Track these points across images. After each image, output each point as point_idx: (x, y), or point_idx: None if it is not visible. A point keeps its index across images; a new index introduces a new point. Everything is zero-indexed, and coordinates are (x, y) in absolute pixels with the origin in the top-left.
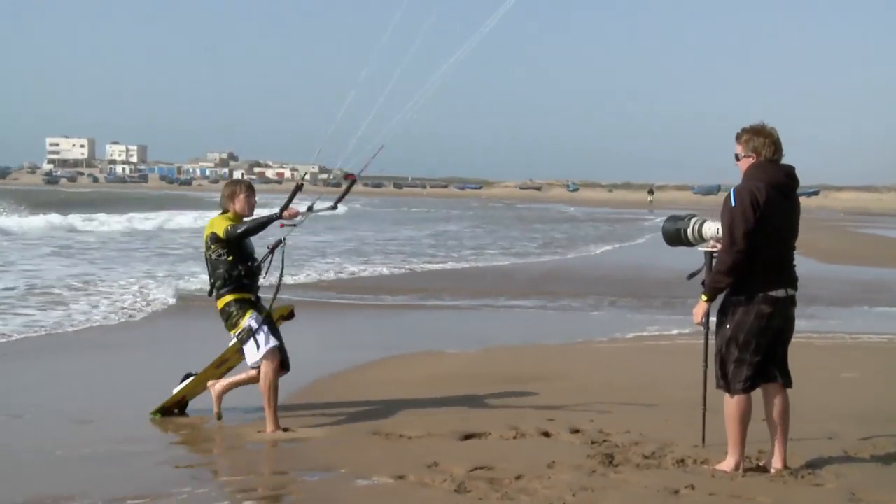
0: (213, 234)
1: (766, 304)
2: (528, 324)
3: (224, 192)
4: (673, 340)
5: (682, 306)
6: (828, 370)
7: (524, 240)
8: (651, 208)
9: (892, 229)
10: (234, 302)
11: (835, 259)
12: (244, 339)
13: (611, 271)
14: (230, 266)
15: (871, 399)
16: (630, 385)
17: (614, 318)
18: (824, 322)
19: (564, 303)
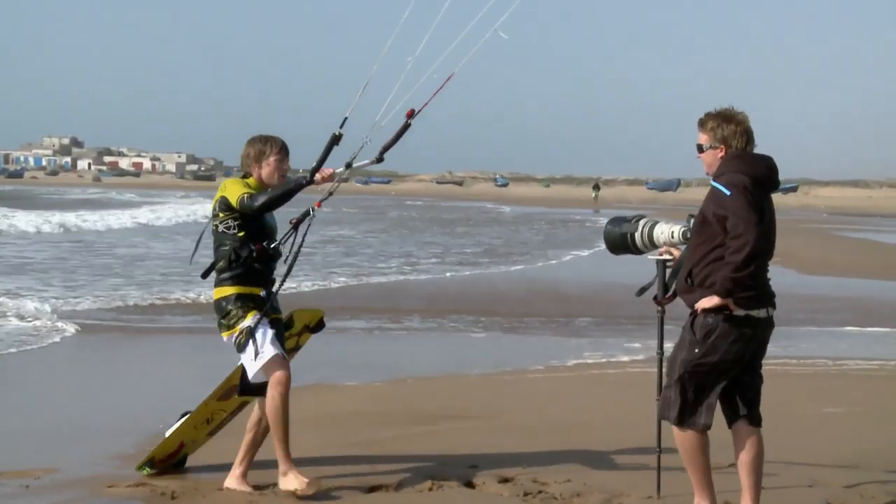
0: (223, 199)
1: (747, 326)
2: (446, 350)
3: (247, 150)
4: (623, 368)
5: (633, 327)
6: (807, 404)
7: (441, 248)
8: (597, 207)
9: (885, 232)
10: (236, 297)
11: (817, 269)
12: (241, 343)
13: (547, 285)
14: (239, 244)
15: (857, 439)
16: (570, 423)
17: (551, 343)
18: (803, 346)
19: (490, 324)
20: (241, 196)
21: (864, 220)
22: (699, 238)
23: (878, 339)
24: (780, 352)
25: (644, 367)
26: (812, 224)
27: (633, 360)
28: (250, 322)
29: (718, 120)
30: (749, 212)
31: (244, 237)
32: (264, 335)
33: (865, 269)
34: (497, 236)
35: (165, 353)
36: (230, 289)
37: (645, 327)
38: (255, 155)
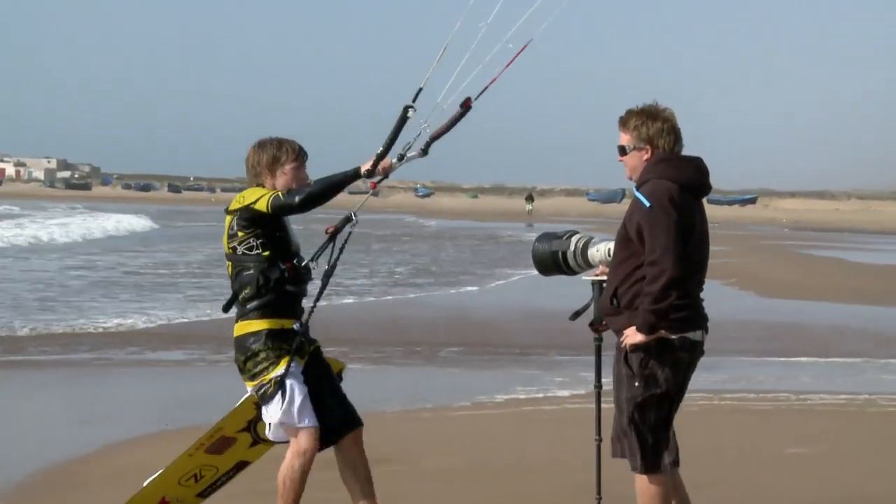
0: (244, 211)
1: (683, 349)
2: (357, 383)
3: (256, 157)
4: (560, 405)
5: (571, 357)
6: (767, 443)
7: (351, 269)
8: (530, 220)
9: (855, 250)
10: (266, 336)
11: (779, 292)
12: (268, 394)
13: (472, 311)
14: (266, 265)
15: (821, 484)
16: (500, 467)
17: (478, 376)
18: (764, 378)
19: (407, 354)
20: (271, 197)
21: (831, 236)
22: (623, 254)
23: (846, 370)
24: (738, 385)
25: (584, 402)
26: (773, 240)
27: (573, 394)
28: (281, 371)
29: (642, 117)
30: (668, 233)
31: (271, 256)
32: (296, 391)
33: (833, 293)
34: (417, 255)
35: (32, 390)
36: (259, 323)
37: (585, 357)
38: (269, 162)
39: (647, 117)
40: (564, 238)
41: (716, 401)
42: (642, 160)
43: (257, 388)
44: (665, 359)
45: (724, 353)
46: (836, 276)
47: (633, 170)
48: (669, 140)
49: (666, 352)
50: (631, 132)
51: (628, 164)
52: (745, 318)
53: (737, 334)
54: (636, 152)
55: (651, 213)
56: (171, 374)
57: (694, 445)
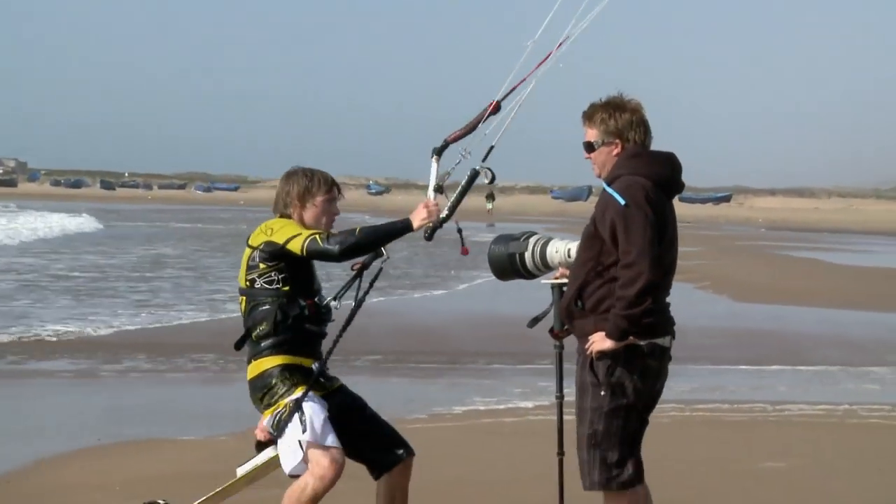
0: (269, 245)
1: (652, 356)
2: None
3: (287, 187)
4: (523, 416)
5: (533, 367)
6: (742, 457)
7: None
8: (491, 220)
9: (836, 251)
10: (281, 368)
11: (754, 297)
12: (283, 420)
13: (428, 318)
14: (285, 302)
15: (802, 499)
16: (459, 482)
17: (435, 386)
18: (738, 387)
19: (359, 365)
20: (309, 238)
21: (810, 237)
22: (590, 252)
23: (825, 379)
24: (710, 395)
25: (549, 413)
26: (749, 241)
27: (536, 405)
28: (298, 395)
29: (609, 110)
30: (644, 233)
31: (290, 292)
32: (315, 410)
33: (812, 296)
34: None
35: None
36: (273, 359)
37: (548, 366)
38: (300, 193)
39: (614, 109)
40: (522, 239)
41: (687, 412)
42: (612, 155)
43: (273, 418)
44: (633, 366)
45: (696, 361)
46: (815, 279)
47: (601, 166)
48: (640, 133)
49: (634, 359)
50: (598, 126)
51: (597, 160)
52: (719, 323)
53: (710, 340)
54: (605, 147)
55: (626, 210)
56: (106, 385)
57: (664, 459)
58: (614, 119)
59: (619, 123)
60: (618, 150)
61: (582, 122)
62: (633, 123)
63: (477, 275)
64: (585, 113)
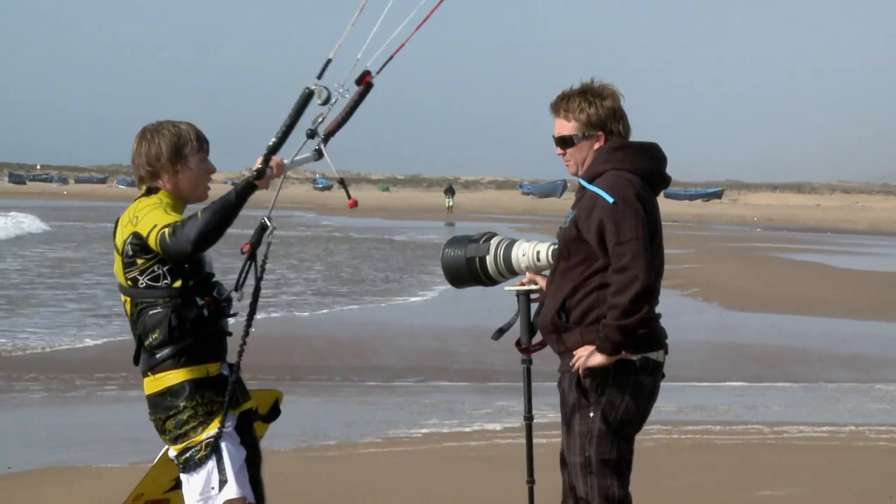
0: (135, 235)
1: (645, 372)
2: None
3: (152, 149)
4: (490, 440)
5: (504, 384)
6: (737, 485)
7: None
8: (451, 219)
9: (840, 253)
10: (192, 389)
11: (748, 305)
12: (197, 460)
13: (380, 331)
14: (179, 303)
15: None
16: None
17: (390, 406)
18: (731, 407)
19: (305, 384)
20: (161, 232)
21: (811, 237)
22: (573, 259)
23: (828, 397)
24: (701, 415)
25: (518, 436)
26: (743, 242)
27: (505, 427)
28: (214, 431)
29: (588, 98)
30: (637, 233)
31: (182, 288)
32: (233, 459)
33: (814, 305)
34: (311, 263)
35: None
36: (176, 374)
37: (516, 383)
38: (171, 156)
39: (593, 97)
40: (481, 241)
41: (675, 434)
42: (593, 150)
43: (181, 453)
44: (625, 384)
45: (683, 378)
46: (815, 285)
47: (581, 163)
48: (622, 124)
49: (626, 375)
50: (577, 117)
51: (575, 156)
52: (708, 334)
53: (699, 354)
54: (586, 141)
55: (616, 210)
56: (16, 406)
57: (651, 487)
58: (595, 108)
59: (600, 112)
60: (600, 144)
61: (553, 114)
62: (614, 112)
63: (426, 283)
64: (558, 104)
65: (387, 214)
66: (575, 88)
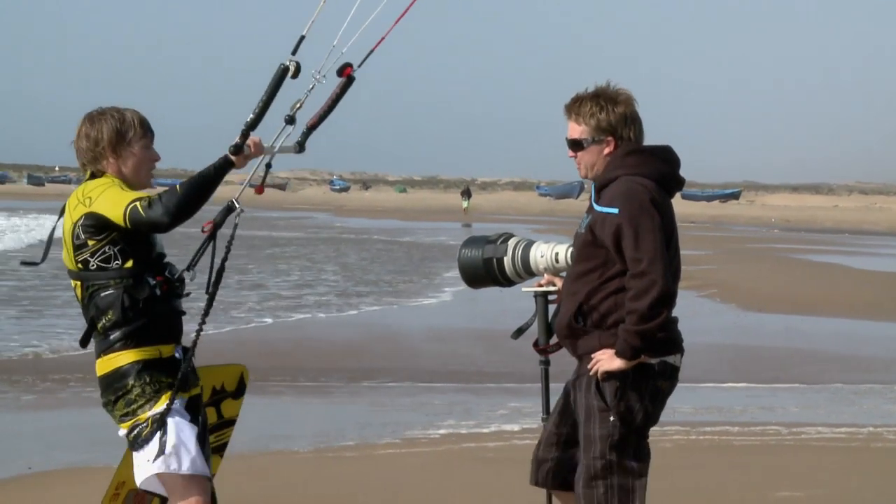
0: (91, 217)
1: (663, 376)
2: (266, 419)
3: (93, 132)
4: (508, 440)
5: (519, 387)
6: (756, 487)
7: (248, 285)
8: (467, 220)
9: (859, 255)
10: (141, 369)
11: (766, 306)
12: (143, 437)
13: (400, 332)
14: (131, 283)
15: None
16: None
17: (409, 407)
18: (748, 408)
19: (324, 385)
20: (130, 206)
21: (830, 238)
22: (590, 262)
23: (846, 398)
24: (718, 416)
25: (536, 437)
26: (760, 243)
27: (525, 428)
28: (161, 408)
29: (600, 102)
30: (654, 238)
31: (134, 268)
32: (183, 430)
33: (832, 306)
34: (327, 262)
35: None
36: (128, 354)
37: (534, 384)
38: (112, 140)
39: (605, 102)
40: (499, 242)
41: (693, 435)
42: (603, 154)
43: (129, 431)
44: (643, 388)
45: (701, 378)
46: (834, 286)
47: (590, 166)
48: (635, 129)
49: (644, 379)
50: (587, 121)
51: (585, 160)
52: (726, 335)
53: (716, 355)
54: (596, 146)
55: (632, 215)
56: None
57: (669, 488)
58: (606, 113)
59: (611, 118)
60: (610, 150)
61: (566, 116)
62: (626, 118)
63: (443, 285)
64: (571, 106)
65: (404, 215)
66: (589, 92)
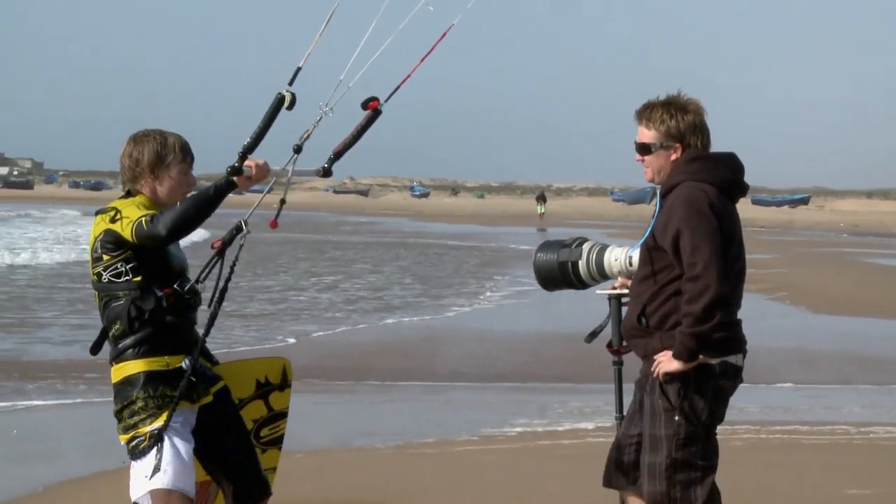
0: (108, 234)
1: (725, 376)
2: (347, 416)
3: (135, 153)
4: (582, 438)
5: (592, 386)
6: (824, 484)
7: (328, 288)
8: (543, 225)
9: None
10: (146, 381)
11: (836, 308)
12: (140, 449)
13: (477, 334)
14: (140, 294)
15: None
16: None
17: (485, 405)
18: (818, 407)
19: (403, 384)
20: (136, 222)
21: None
22: (653, 266)
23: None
24: (788, 416)
25: (610, 435)
26: (830, 247)
27: (598, 426)
28: (160, 424)
29: (670, 110)
30: (710, 243)
31: (143, 282)
32: (175, 451)
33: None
34: (405, 267)
35: None
36: (135, 364)
37: (607, 384)
38: (152, 161)
39: (675, 110)
40: (574, 246)
41: (763, 434)
42: (669, 160)
43: (129, 441)
44: (706, 388)
45: (770, 379)
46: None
47: (657, 171)
48: (701, 137)
49: (706, 379)
50: (656, 127)
51: (652, 164)
52: (795, 337)
53: (785, 356)
54: (663, 151)
55: (690, 220)
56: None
57: (740, 486)
58: (676, 120)
59: (680, 126)
60: (676, 155)
61: (636, 121)
62: (695, 126)
63: (522, 288)
64: (642, 112)
65: (483, 220)
66: (661, 99)
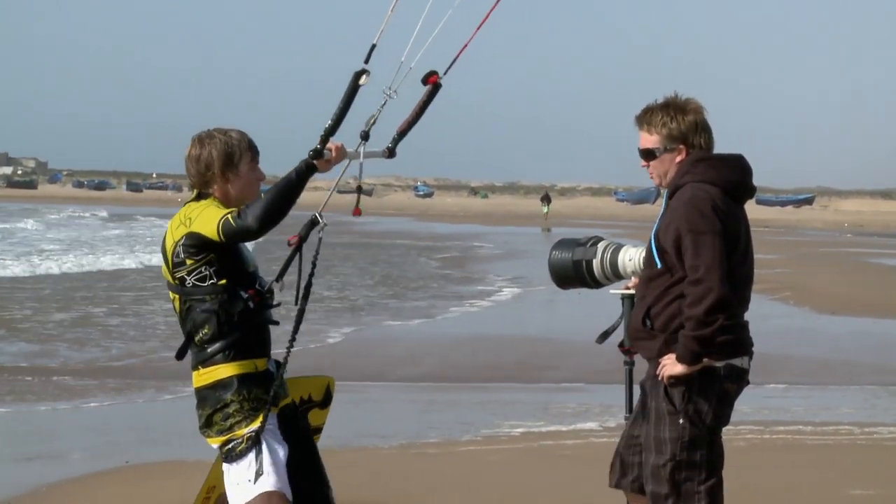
0: (191, 237)
1: (730, 379)
2: (351, 415)
3: (206, 155)
4: (586, 439)
5: (596, 386)
6: (828, 484)
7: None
8: (547, 225)
9: None
10: (239, 384)
11: (840, 309)
12: (238, 452)
13: (479, 334)
14: (226, 298)
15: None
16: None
17: (488, 404)
18: (822, 408)
19: (408, 385)
20: (222, 219)
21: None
22: (657, 268)
23: None
24: (792, 416)
25: (614, 436)
26: (834, 247)
27: (603, 426)
28: (257, 427)
29: (670, 112)
30: (713, 246)
31: (228, 285)
32: (273, 453)
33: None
34: (410, 269)
35: None
36: (226, 368)
37: (614, 385)
38: (222, 163)
39: (675, 111)
40: (589, 245)
41: (766, 434)
42: (675, 162)
43: (224, 444)
44: (710, 391)
45: (773, 379)
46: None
47: (662, 175)
48: (704, 137)
49: (711, 383)
50: (659, 131)
51: (657, 169)
52: (801, 337)
53: (789, 356)
54: (668, 154)
55: (692, 222)
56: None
57: (743, 487)
58: (677, 122)
59: (682, 126)
60: (681, 157)
61: (637, 127)
62: (697, 126)
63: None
64: (642, 117)
65: (486, 220)
66: (658, 102)
